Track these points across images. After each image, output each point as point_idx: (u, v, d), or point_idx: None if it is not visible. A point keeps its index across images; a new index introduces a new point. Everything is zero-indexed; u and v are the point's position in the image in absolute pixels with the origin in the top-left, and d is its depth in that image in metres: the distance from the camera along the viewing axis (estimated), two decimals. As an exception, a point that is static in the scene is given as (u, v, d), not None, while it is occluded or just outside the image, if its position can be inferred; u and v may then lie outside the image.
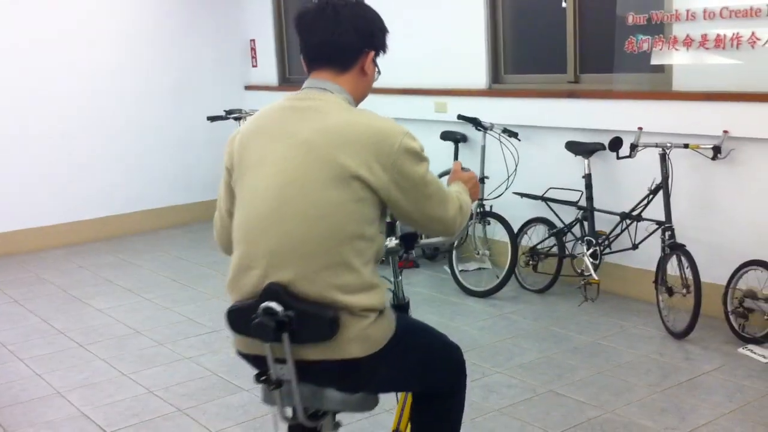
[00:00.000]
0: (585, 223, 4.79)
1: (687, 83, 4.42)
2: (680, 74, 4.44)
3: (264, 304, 1.90)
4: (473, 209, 5.13)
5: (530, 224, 5.16)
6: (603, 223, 4.77)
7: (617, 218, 4.65)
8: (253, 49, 8.04)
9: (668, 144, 4.31)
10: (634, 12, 4.59)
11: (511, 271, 5.04)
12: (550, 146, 5.21)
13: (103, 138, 7.24)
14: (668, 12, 4.41)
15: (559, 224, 4.97)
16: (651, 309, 4.54)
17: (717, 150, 4.23)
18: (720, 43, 4.20)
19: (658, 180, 4.36)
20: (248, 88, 8.12)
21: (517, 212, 5.22)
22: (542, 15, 5.44)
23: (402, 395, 2.49)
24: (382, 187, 1.96)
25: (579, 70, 5.13)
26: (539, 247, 5.09)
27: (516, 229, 5.12)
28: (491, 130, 5.28)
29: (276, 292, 1.91)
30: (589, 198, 4.77)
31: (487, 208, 5.26)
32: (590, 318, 4.60)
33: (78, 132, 7.09)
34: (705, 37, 4.26)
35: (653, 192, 4.42)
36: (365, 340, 1.96)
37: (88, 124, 7.14)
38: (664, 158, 4.32)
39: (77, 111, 7.07)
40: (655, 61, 4.55)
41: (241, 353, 2.11)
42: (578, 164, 4.92)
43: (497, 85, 5.63)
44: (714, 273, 4.29)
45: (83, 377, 4.09)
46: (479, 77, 5.65)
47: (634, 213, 4.54)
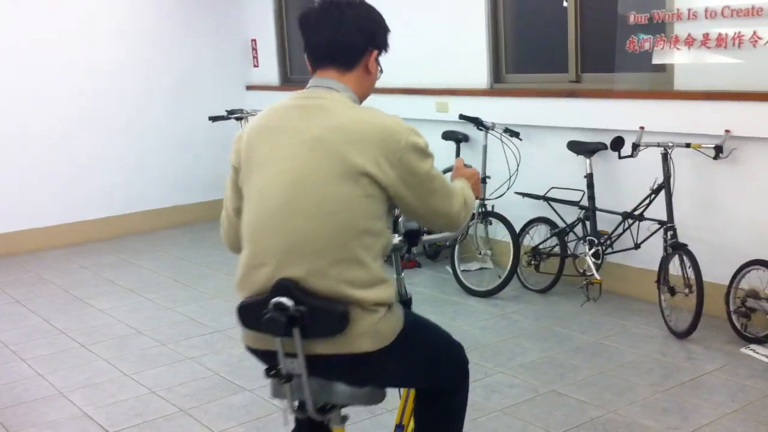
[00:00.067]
0: (587, 223, 4.79)
1: (688, 83, 4.41)
2: (682, 73, 4.44)
3: (275, 300, 1.91)
4: (475, 209, 5.18)
5: (532, 224, 5.16)
6: (605, 223, 4.76)
7: (619, 218, 4.65)
8: (255, 49, 8.04)
9: (670, 143, 4.31)
10: (636, 11, 4.58)
11: (513, 271, 5.04)
12: (552, 146, 5.20)
13: (103, 138, 7.23)
14: (670, 11, 4.41)
15: (561, 224, 4.97)
16: (653, 309, 4.54)
17: (719, 149, 4.23)
18: (722, 43, 4.20)
19: (660, 179, 4.36)
20: (249, 88, 8.12)
21: (519, 212, 5.22)
22: (543, 14, 5.45)
23: (405, 390, 2.51)
24: (391, 184, 1.98)
25: (580, 70, 5.13)
26: (541, 247, 5.09)
27: (518, 229, 5.12)
28: (493, 130, 5.28)
29: (287, 288, 1.93)
30: (591, 198, 4.77)
31: (489, 208, 5.25)
32: (592, 318, 4.60)
33: (78, 132, 7.09)
34: (707, 37, 4.26)
35: (655, 191, 4.42)
36: (376, 335, 1.98)
37: (88, 124, 7.14)
38: (666, 158, 4.32)
39: (77, 111, 7.06)
40: (657, 61, 4.55)
41: (251, 348, 2.13)
42: (580, 164, 4.92)
43: (499, 85, 5.63)
44: (716, 273, 4.29)
45: (85, 377, 4.09)
46: (481, 77, 5.65)
47: (636, 213, 4.54)
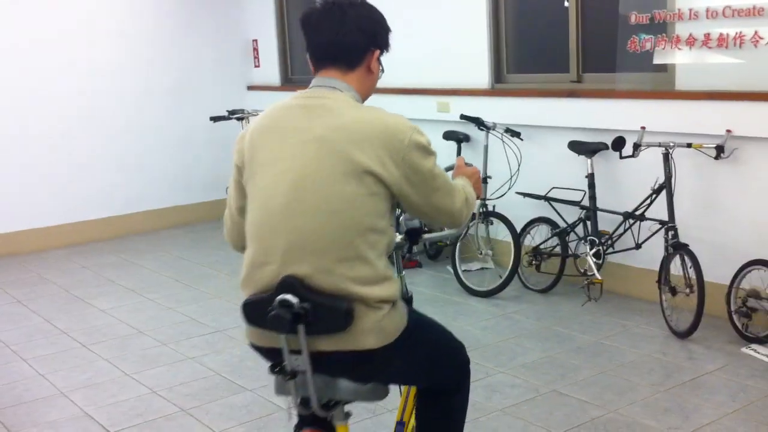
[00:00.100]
0: (588, 223, 4.79)
1: (690, 82, 4.41)
2: (683, 73, 4.44)
3: (280, 297, 1.93)
4: (476, 209, 5.18)
5: (533, 224, 5.16)
6: (606, 223, 4.76)
7: (620, 218, 4.64)
8: (256, 49, 8.04)
9: (671, 143, 4.30)
10: (637, 11, 4.58)
11: (514, 271, 5.04)
12: (553, 146, 5.20)
13: (103, 138, 7.23)
14: (671, 11, 4.41)
15: (562, 224, 4.97)
16: (654, 308, 4.54)
17: (720, 149, 4.23)
18: (723, 43, 4.20)
19: (661, 179, 4.36)
20: (251, 88, 8.12)
21: (520, 212, 5.22)
22: (545, 14, 5.45)
23: (405, 387, 2.52)
24: (395, 183, 2.00)
25: (582, 70, 5.13)
26: (542, 247, 5.09)
27: (519, 229, 5.12)
28: (494, 130, 5.27)
29: (292, 285, 1.94)
30: (592, 198, 4.77)
31: (490, 208, 5.25)
32: (593, 318, 4.60)
33: (78, 132, 7.09)
34: (708, 37, 4.26)
35: (656, 191, 4.42)
36: (380, 332, 1.99)
37: (88, 124, 7.14)
38: (667, 158, 4.32)
39: (77, 111, 7.06)
40: (658, 61, 4.54)
41: (255, 346, 2.14)
42: (581, 164, 4.92)
43: (500, 85, 5.62)
44: (717, 272, 4.29)
45: (86, 377, 4.09)
46: (482, 77, 5.65)
47: (637, 212, 4.54)
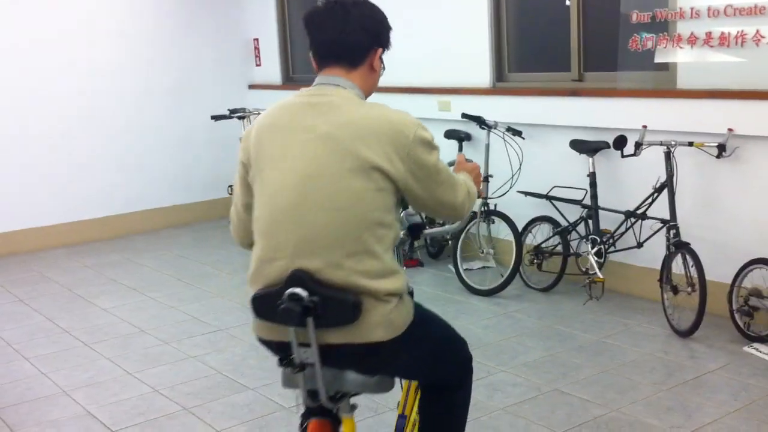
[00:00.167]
0: (589, 222, 4.79)
1: (691, 81, 4.41)
2: (684, 72, 4.44)
3: (289, 290, 1.95)
4: (478, 208, 5.18)
5: (534, 223, 5.16)
6: (607, 222, 4.76)
7: (622, 217, 4.65)
8: (257, 48, 8.04)
9: (673, 142, 4.31)
10: (638, 10, 4.58)
11: (516, 270, 5.04)
12: (554, 145, 5.20)
13: (103, 138, 7.23)
14: (672, 10, 4.41)
15: (564, 223, 4.97)
16: (656, 307, 4.54)
17: (722, 148, 4.23)
18: (724, 41, 4.20)
19: (663, 178, 4.36)
20: (252, 87, 8.12)
21: (522, 211, 5.22)
22: (546, 13, 5.44)
23: (406, 381, 2.54)
24: (401, 178, 2.03)
25: (583, 69, 5.13)
26: (544, 246, 5.09)
27: (520, 228, 5.11)
28: (495, 129, 5.27)
29: (301, 279, 1.96)
30: (594, 196, 4.77)
31: (492, 207, 5.25)
32: (595, 316, 4.60)
33: (78, 132, 7.08)
34: (709, 35, 4.26)
35: (658, 190, 4.42)
36: (389, 325, 2.02)
37: (88, 124, 7.13)
38: (669, 156, 4.32)
39: (77, 111, 7.06)
40: (659, 59, 4.55)
41: (262, 340, 2.15)
42: (582, 163, 4.92)
43: (501, 84, 5.62)
44: (719, 271, 4.29)
45: (88, 376, 4.09)
46: (483, 76, 5.65)
47: (639, 211, 4.54)
